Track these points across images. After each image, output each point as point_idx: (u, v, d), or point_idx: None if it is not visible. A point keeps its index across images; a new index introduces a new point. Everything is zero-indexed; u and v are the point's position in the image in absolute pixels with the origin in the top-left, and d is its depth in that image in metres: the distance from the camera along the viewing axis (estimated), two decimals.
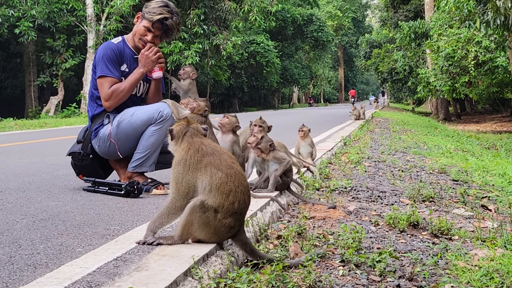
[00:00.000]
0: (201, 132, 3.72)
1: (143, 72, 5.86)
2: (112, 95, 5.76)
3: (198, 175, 3.46)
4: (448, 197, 7.11)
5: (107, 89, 5.77)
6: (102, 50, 5.87)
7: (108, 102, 5.80)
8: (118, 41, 6.01)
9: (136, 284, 2.75)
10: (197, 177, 3.46)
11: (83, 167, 6.10)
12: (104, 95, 5.80)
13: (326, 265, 3.79)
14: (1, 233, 3.97)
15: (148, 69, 5.88)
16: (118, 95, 5.79)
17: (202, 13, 36.35)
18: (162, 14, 5.87)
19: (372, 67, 56.04)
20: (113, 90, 5.77)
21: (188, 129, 3.68)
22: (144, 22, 5.93)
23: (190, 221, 3.40)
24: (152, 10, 5.89)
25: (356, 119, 23.60)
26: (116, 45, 5.93)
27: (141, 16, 5.97)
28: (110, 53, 5.84)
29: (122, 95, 5.82)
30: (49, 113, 33.69)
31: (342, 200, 6.19)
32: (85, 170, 6.10)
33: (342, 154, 10.49)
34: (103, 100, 5.82)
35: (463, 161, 11.32)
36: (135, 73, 5.86)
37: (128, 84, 5.82)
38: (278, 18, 56.21)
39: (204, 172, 3.45)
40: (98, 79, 5.82)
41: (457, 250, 4.41)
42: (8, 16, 31.85)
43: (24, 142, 13.29)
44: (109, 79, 5.78)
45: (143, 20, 5.94)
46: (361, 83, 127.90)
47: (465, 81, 23.51)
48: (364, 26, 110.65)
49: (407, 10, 42.07)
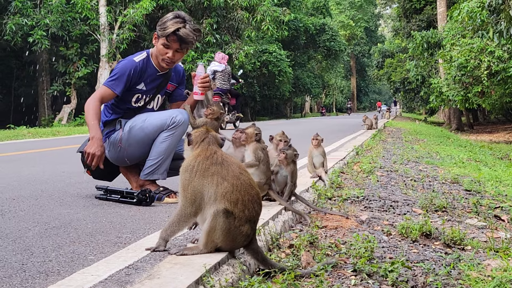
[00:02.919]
0: (219, 141, 3.72)
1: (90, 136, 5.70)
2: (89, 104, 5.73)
3: (205, 182, 3.46)
4: (460, 207, 7.07)
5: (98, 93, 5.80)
6: (123, 67, 5.83)
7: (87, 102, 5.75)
8: (142, 58, 5.93)
9: None
10: (204, 185, 3.46)
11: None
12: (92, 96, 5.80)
13: (338, 275, 3.77)
14: (14, 240, 3.99)
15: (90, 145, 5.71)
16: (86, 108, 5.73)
17: (215, 22, 36.42)
18: (174, 26, 5.76)
19: (384, 76, 55.97)
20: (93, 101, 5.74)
21: (207, 136, 3.68)
22: (160, 41, 5.84)
23: (214, 227, 3.40)
24: (163, 26, 5.79)
25: (368, 129, 23.55)
26: (139, 64, 5.88)
27: (156, 35, 5.89)
28: (129, 72, 5.80)
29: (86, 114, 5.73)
30: (61, 122, 33.80)
31: (354, 210, 6.17)
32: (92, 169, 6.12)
33: (355, 164, 10.46)
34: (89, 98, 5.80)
35: (476, 171, 11.27)
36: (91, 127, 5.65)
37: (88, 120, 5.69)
38: (291, 28, 56.23)
39: (210, 180, 3.45)
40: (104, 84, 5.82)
41: (470, 260, 4.38)
42: (22, 25, 31.97)
43: (37, 150, 13.32)
44: (106, 90, 5.78)
45: (159, 39, 5.85)
46: (373, 93, 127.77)
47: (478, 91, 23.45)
48: (377, 35, 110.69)
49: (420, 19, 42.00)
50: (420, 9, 42.35)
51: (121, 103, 5.93)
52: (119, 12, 33.85)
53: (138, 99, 5.95)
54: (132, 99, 5.93)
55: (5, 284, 2.98)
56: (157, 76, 5.99)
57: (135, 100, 5.94)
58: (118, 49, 33.47)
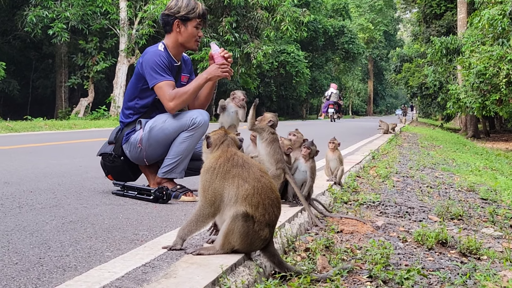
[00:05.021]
0: (237, 143, 3.72)
1: (207, 79, 5.84)
2: (176, 95, 5.73)
3: (225, 184, 3.46)
4: (476, 216, 7.04)
5: (169, 90, 5.74)
6: (153, 57, 5.83)
7: (172, 102, 5.73)
8: (162, 48, 5.96)
9: None
10: (224, 187, 3.46)
11: (113, 168, 6.14)
12: (167, 97, 5.74)
13: (353, 280, 3.76)
14: (31, 233, 4.01)
15: (212, 79, 5.88)
16: (181, 96, 5.76)
17: (234, 21, 36.37)
18: (198, 5, 5.95)
19: (402, 81, 55.68)
20: (176, 92, 5.76)
21: (226, 138, 3.68)
22: (192, 23, 5.92)
23: (232, 229, 3.40)
24: (189, 9, 5.89)
25: (385, 133, 23.47)
26: (163, 53, 5.90)
27: (180, 22, 5.92)
28: (162, 59, 5.82)
29: (186, 97, 5.79)
30: (78, 115, 33.91)
31: (370, 215, 6.15)
32: (114, 172, 6.15)
33: (371, 168, 10.44)
34: (167, 101, 5.75)
35: (492, 180, 11.22)
36: (199, 78, 5.86)
37: (191, 88, 5.81)
38: (310, 29, 56.06)
39: (231, 182, 3.45)
40: (156, 86, 5.76)
41: (486, 270, 4.36)
42: (42, 17, 32.08)
43: (53, 142, 13.38)
44: (167, 83, 5.75)
45: (187, 23, 5.91)
46: (390, 97, 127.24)
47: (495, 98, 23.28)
48: (396, 39, 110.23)
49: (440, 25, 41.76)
50: (440, 14, 42.11)
51: (144, 98, 5.92)
52: (139, 7, 33.94)
53: None
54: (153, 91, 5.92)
55: (22, 277, 2.99)
56: (174, 66, 6.02)
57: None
58: (137, 45, 33.56)
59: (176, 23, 5.94)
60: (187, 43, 6.00)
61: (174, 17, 5.93)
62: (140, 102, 5.95)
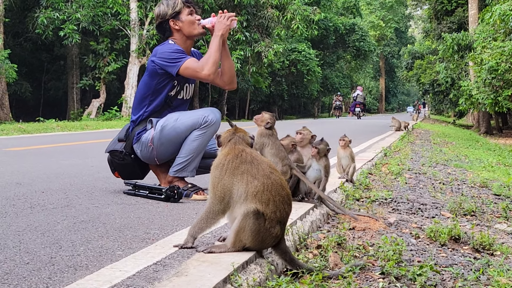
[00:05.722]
0: (247, 141, 3.72)
1: (219, 36, 5.81)
2: (204, 63, 5.73)
3: (234, 181, 3.46)
4: (490, 212, 7.01)
5: (195, 63, 5.76)
6: (166, 49, 5.85)
7: (205, 70, 5.71)
8: (173, 41, 5.99)
9: None
10: (233, 183, 3.46)
11: (121, 166, 6.13)
12: (197, 69, 5.74)
13: (366, 277, 3.74)
14: (43, 233, 4.01)
15: (224, 34, 5.86)
16: (208, 60, 5.74)
17: (245, 20, 36.40)
18: None
19: (413, 78, 55.52)
20: (201, 61, 5.78)
21: (234, 136, 3.69)
22: (183, 14, 5.98)
23: (243, 227, 3.39)
24: (172, 5, 5.98)
25: (396, 130, 23.43)
26: (174, 44, 5.93)
27: (172, 19, 5.97)
28: (176, 47, 5.84)
29: (213, 59, 5.74)
30: (90, 116, 34.01)
31: (382, 212, 6.13)
32: (122, 169, 6.14)
33: (383, 165, 10.41)
34: (199, 73, 5.74)
35: (505, 176, 11.17)
36: (213, 40, 5.83)
37: (212, 50, 5.77)
38: (320, 27, 56.00)
39: (240, 179, 3.45)
40: (181, 68, 5.75)
41: (499, 266, 4.33)
42: (53, 19, 32.21)
43: (65, 143, 13.42)
44: (190, 60, 5.77)
45: (179, 16, 5.97)
46: (401, 94, 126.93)
47: (508, 94, 23.17)
48: (407, 36, 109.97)
49: (451, 21, 41.61)
50: (451, 11, 41.96)
51: (157, 97, 5.91)
52: (150, 8, 33.96)
53: (174, 86, 5.93)
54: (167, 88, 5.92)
55: (34, 277, 2.99)
56: None
57: (170, 88, 5.93)
58: (148, 45, 33.61)
59: (171, 23, 5.99)
60: (192, 32, 6.03)
61: (166, 20, 5.99)
62: (152, 100, 5.94)
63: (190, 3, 6.06)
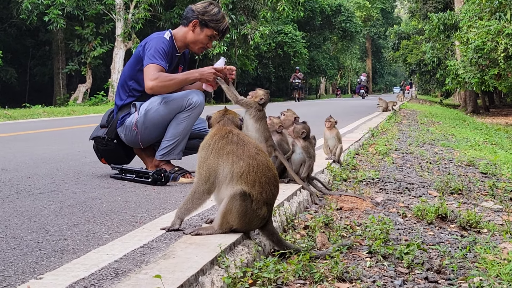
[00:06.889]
0: (236, 123, 3.72)
1: (197, 78, 5.73)
2: (159, 77, 5.62)
3: (220, 161, 3.46)
4: (476, 190, 7.04)
5: (154, 71, 5.65)
6: (156, 42, 5.79)
7: (153, 82, 5.61)
8: (169, 36, 5.93)
9: (163, 271, 2.74)
10: (219, 163, 3.46)
11: (106, 152, 6.13)
12: (150, 76, 5.63)
13: (353, 256, 3.76)
14: (29, 218, 4.00)
15: (201, 81, 5.77)
16: (164, 80, 5.64)
17: (231, 2, 36.25)
18: (224, 21, 5.98)
19: (400, 58, 55.58)
20: (161, 74, 5.65)
21: (223, 118, 3.69)
22: (207, 31, 5.93)
23: (230, 209, 3.40)
24: (214, 18, 5.91)
25: (384, 110, 23.48)
26: (170, 42, 5.89)
27: (198, 24, 5.92)
28: (164, 47, 5.78)
29: (169, 84, 5.68)
30: (77, 101, 33.88)
31: (370, 191, 6.15)
32: (108, 155, 6.14)
33: (370, 145, 10.44)
34: (148, 80, 5.64)
35: (492, 154, 11.22)
36: (190, 73, 5.76)
37: (178, 78, 5.71)
38: (306, 8, 55.85)
39: (226, 159, 3.45)
40: (146, 66, 5.69)
41: (486, 243, 4.36)
42: (38, 4, 32.03)
43: (52, 129, 13.37)
44: (158, 66, 5.68)
45: (205, 29, 5.92)
46: (388, 75, 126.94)
47: (494, 73, 23.20)
48: (393, 17, 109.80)
49: (437, 1, 41.62)
50: None
51: (141, 81, 5.88)
52: None
53: None
54: None
55: (20, 262, 2.98)
56: (176, 56, 6.03)
57: None
58: (134, 29, 33.49)
59: (194, 21, 5.94)
60: (193, 45, 6.02)
61: (197, 16, 5.94)
62: (136, 84, 5.92)
63: (222, 35, 6.02)
